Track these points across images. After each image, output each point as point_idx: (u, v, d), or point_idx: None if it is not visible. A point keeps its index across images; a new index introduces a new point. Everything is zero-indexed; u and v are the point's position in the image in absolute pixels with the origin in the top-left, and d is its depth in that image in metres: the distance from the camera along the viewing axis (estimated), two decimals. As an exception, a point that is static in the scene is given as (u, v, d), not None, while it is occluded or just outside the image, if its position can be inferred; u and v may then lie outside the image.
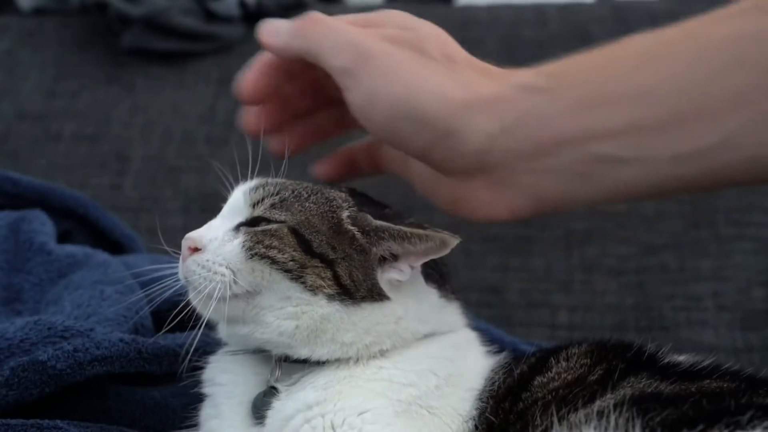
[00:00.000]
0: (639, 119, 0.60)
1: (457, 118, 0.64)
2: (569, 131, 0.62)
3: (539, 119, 0.63)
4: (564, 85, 0.63)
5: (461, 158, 0.65)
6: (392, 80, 0.65)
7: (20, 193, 1.06)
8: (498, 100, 0.64)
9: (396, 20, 0.71)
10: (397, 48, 0.67)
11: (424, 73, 0.65)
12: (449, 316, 0.70)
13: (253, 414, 0.66)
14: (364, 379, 0.64)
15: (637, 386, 0.60)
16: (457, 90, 0.64)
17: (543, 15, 1.55)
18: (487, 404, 0.65)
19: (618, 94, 0.61)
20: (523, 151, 0.64)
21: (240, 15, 1.59)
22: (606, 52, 0.65)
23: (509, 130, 0.63)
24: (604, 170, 0.62)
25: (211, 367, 0.71)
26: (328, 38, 0.68)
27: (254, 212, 0.67)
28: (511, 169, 0.64)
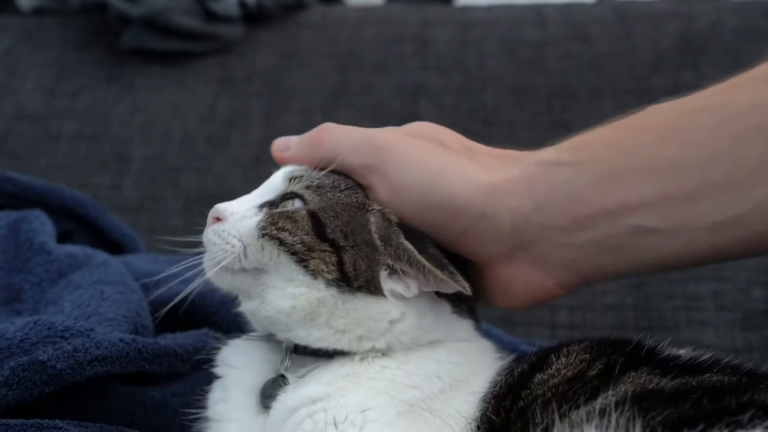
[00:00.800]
0: (669, 190, 0.61)
1: (488, 201, 0.64)
2: (601, 204, 0.63)
3: (570, 193, 0.63)
4: (590, 158, 0.64)
5: (498, 239, 0.66)
6: (416, 170, 0.66)
7: (20, 193, 1.06)
8: (526, 178, 0.64)
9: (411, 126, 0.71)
10: (415, 139, 0.67)
11: (446, 160, 0.66)
12: (460, 330, 0.70)
13: (261, 401, 0.67)
14: (367, 377, 0.65)
15: (638, 381, 0.60)
16: (483, 174, 0.65)
17: (543, 15, 1.55)
18: (489, 404, 0.65)
19: (644, 165, 0.61)
20: (557, 225, 0.64)
21: (240, 15, 1.59)
22: (628, 123, 0.65)
23: (541, 207, 0.64)
24: (642, 241, 0.63)
25: (226, 349, 0.73)
26: (342, 140, 0.69)
27: (289, 187, 0.69)
28: (549, 244, 0.65)
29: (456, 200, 0.65)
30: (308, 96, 1.51)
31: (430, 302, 0.67)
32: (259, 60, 1.57)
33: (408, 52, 1.54)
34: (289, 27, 1.61)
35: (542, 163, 0.65)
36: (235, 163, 1.48)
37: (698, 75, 1.42)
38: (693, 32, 1.46)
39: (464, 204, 0.65)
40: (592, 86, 1.44)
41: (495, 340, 0.76)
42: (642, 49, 1.47)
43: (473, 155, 0.67)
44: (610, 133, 0.65)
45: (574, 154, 0.65)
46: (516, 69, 1.48)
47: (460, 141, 0.69)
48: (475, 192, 0.65)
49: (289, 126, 1.47)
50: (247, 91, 1.55)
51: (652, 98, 1.45)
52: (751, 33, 1.44)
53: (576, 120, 1.42)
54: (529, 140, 0.76)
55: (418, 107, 1.48)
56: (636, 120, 0.65)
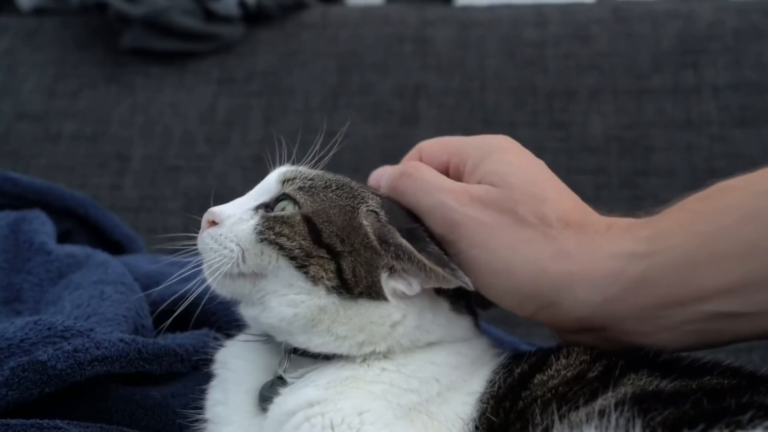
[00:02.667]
0: (748, 276, 0.60)
1: (557, 292, 0.64)
2: (677, 294, 0.61)
3: (644, 287, 0.62)
4: (667, 247, 0.62)
5: (565, 323, 0.66)
6: (487, 253, 0.65)
7: (20, 193, 1.06)
8: (599, 272, 0.63)
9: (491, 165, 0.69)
10: (488, 213, 0.66)
11: (517, 245, 0.65)
12: (458, 329, 0.69)
13: (260, 403, 0.67)
14: (365, 381, 0.64)
15: (638, 383, 0.60)
16: (554, 262, 0.64)
17: (543, 15, 1.55)
18: (488, 405, 0.64)
19: (723, 252, 0.60)
20: (629, 316, 0.63)
21: (240, 15, 1.59)
22: (702, 205, 0.63)
23: (613, 301, 0.63)
24: (719, 326, 0.62)
25: (224, 350, 0.72)
26: (418, 199, 0.69)
27: (282, 189, 0.69)
28: (619, 330, 0.64)
29: (526, 290, 0.65)
30: (308, 96, 1.51)
31: (429, 301, 0.67)
32: (259, 60, 1.57)
33: (408, 52, 1.54)
34: (289, 27, 1.61)
35: (617, 256, 0.63)
36: (235, 163, 1.48)
37: (698, 75, 1.42)
38: (693, 32, 1.46)
39: (533, 294, 0.65)
40: (592, 86, 1.44)
41: (495, 340, 0.76)
42: (642, 49, 1.47)
43: (548, 229, 0.65)
44: (684, 217, 0.64)
45: (650, 244, 0.63)
46: (516, 69, 1.48)
47: (535, 209, 0.66)
48: (543, 283, 0.64)
49: (289, 126, 1.48)
50: (247, 91, 1.55)
51: (652, 98, 1.45)
52: (751, 33, 1.44)
53: (576, 120, 1.42)
54: (529, 140, 0.76)
55: (418, 107, 1.48)
56: (711, 202, 0.63)
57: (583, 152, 1.38)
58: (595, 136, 1.41)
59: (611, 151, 1.39)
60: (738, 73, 1.40)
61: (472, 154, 0.71)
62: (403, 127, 1.46)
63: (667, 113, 1.40)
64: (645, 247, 0.63)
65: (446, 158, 0.73)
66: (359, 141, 1.42)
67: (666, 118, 1.40)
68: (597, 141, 1.40)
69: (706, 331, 0.63)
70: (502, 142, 0.72)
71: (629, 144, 1.39)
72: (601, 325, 0.65)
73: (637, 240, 0.63)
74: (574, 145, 1.39)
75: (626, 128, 1.41)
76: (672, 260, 0.62)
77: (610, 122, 1.41)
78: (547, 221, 0.65)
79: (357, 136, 1.43)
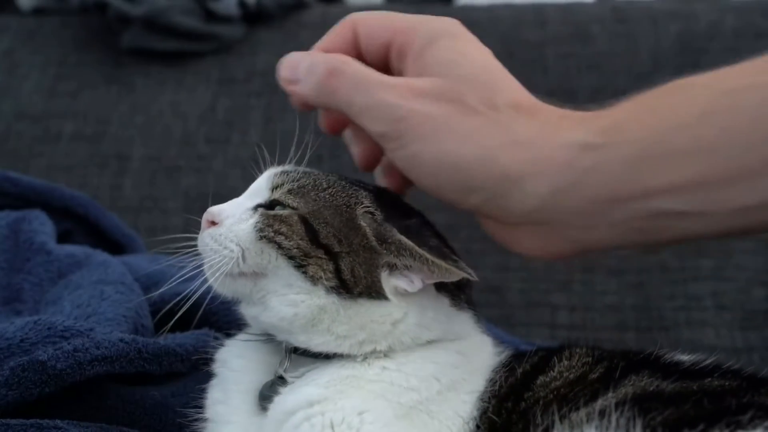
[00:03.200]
0: (703, 174, 0.58)
1: (506, 183, 0.61)
2: (627, 189, 0.59)
3: (594, 179, 0.60)
4: (620, 140, 0.60)
5: (510, 217, 0.63)
6: (434, 145, 0.63)
7: (20, 193, 1.06)
8: (549, 161, 0.61)
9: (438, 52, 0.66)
10: (434, 106, 0.63)
11: (466, 134, 0.62)
12: (458, 325, 0.69)
13: (260, 403, 0.67)
14: (365, 380, 0.64)
15: (639, 384, 0.60)
16: (505, 151, 0.61)
17: (543, 15, 1.55)
18: (489, 404, 0.64)
19: (680, 148, 0.58)
20: (576, 210, 0.61)
21: (240, 15, 1.59)
22: (661, 101, 0.61)
23: (562, 192, 0.61)
24: (663, 224, 0.60)
25: (225, 349, 0.72)
26: (356, 99, 0.65)
27: (272, 195, 0.69)
28: (563, 224, 0.62)
29: (474, 181, 0.62)
30: (308, 96, 1.51)
31: (430, 298, 0.67)
32: (259, 60, 1.57)
33: (408, 52, 1.54)
34: (289, 27, 1.61)
35: (569, 147, 0.60)
36: (235, 163, 1.48)
37: (698, 75, 1.42)
38: (693, 32, 1.46)
39: (480, 185, 0.62)
40: (592, 86, 1.44)
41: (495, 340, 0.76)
42: (642, 49, 1.47)
43: (497, 115, 0.62)
44: (642, 112, 0.61)
45: (604, 135, 0.60)
46: (516, 69, 1.47)
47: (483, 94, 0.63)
48: (492, 174, 0.61)
49: (289, 126, 1.47)
50: (247, 91, 1.55)
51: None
52: (751, 33, 1.44)
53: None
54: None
55: (418, 107, 1.47)
56: (670, 99, 0.61)
57: (583, 152, 1.38)
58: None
59: (611, 151, 1.39)
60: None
61: (419, 36, 0.67)
62: (403, 127, 1.46)
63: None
64: (598, 138, 0.60)
65: (388, 37, 0.68)
66: (359, 141, 1.42)
67: (666, 118, 1.40)
68: (597, 141, 1.40)
69: (650, 228, 0.61)
70: (451, 27, 0.68)
71: (629, 144, 1.39)
72: (545, 219, 0.62)
73: (590, 131, 0.61)
74: (574, 145, 1.39)
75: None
76: (625, 153, 0.59)
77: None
78: (497, 108, 0.63)
79: (357, 136, 1.42)
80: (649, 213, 0.59)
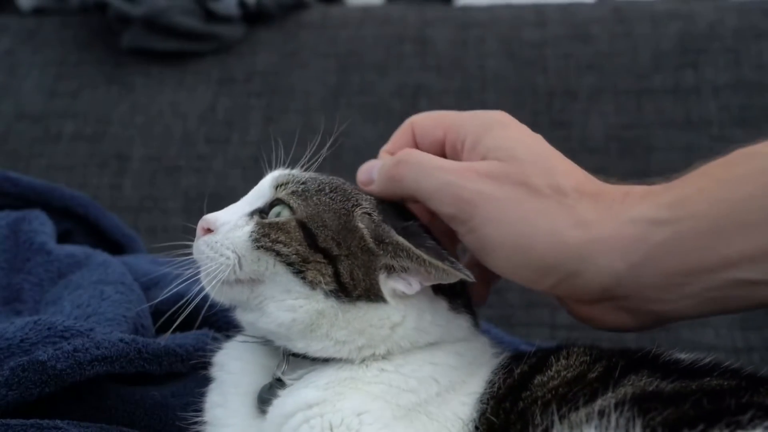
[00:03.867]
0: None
1: (579, 262, 0.62)
2: (702, 262, 0.60)
3: (667, 253, 0.61)
4: (690, 215, 0.61)
5: (587, 294, 0.64)
6: (504, 227, 0.64)
7: (20, 193, 1.06)
8: (619, 239, 0.62)
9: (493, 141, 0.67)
10: (500, 188, 0.64)
11: (535, 217, 0.63)
12: (456, 328, 0.69)
13: (259, 406, 0.67)
14: (364, 382, 0.64)
15: (638, 384, 0.60)
16: (574, 231, 0.63)
17: (543, 15, 1.55)
18: (488, 405, 0.64)
19: (749, 220, 0.59)
20: (652, 283, 0.62)
21: (240, 15, 1.59)
22: (727, 171, 0.62)
23: (636, 267, 0.62)
24: (741, 293, 0.61)
25: (223, 352, 0.72)
26: (423, 183, 0.67)
27: (276, 194, 0.68)
28: (640, 299, 0.63)
29: (546, 263, 0.63)
30: (308, 96, 1.51)
31: (427, 301, 0.67)
32: (259, 60, 1.57)
33: (408, 52, 1.54)
34: (289, 27, 1.61)
35: (638, 222, 0.62)
36: (235, 163, 1.48)
37: (698, 75, 1.42)
38: (693, 32, 1.46)
39: (553, 266, 0.63)
40: (592, 86, 1.44)
41: (495, 340, 0.76)
42: (642, 49, 1.47)
43: (563, 198, 0.64)
44: (707, 183, 0.62)
45: (673, 211, 0.61)
46: (516, 69, 1.48)
47: (547, 178, 0.64)
48: (565, 253, 0.63)
49: (289, 126, 1.48)
50: (247, 91, 1.55)
51: (652, 98, 1.45)
52: (751, 33, 1.44)
53: (576, 120, 1.42)
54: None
55: (418, 107, 1.47)
56: (735, 168, 0.62)
57: (583, 152, 1.38)
58: (595, 136, 1.41)
59: (611, 151, 1.39)
60: (738, 73, 1.40)
61: (470, 129, 0.69)
62: (403, 127, 1.46)
63: (667, 113, 1.40)
64: (667, 213, 0.61)
65: (442, 134, 0.71)
66: (359, 141, 1.42)
67: (666, 118, 1.40)
68: (597, 141, 1.40)
69: (728, 298, 0.62)
70: (501, 117, 0.70)
71: (629, 144, 1.39)
72: (623, 293, 0.63)
73: (658, 206, 0.62)
74: (574, 145, 1.39)
75: (626, 128, 1.41)
76: (696, 227, 0.60)
77: (610, 122, 1.41)
78: (562, 191, 0.64)
79: (357, 136, 1.43)
80: (726, 283, 0.60)
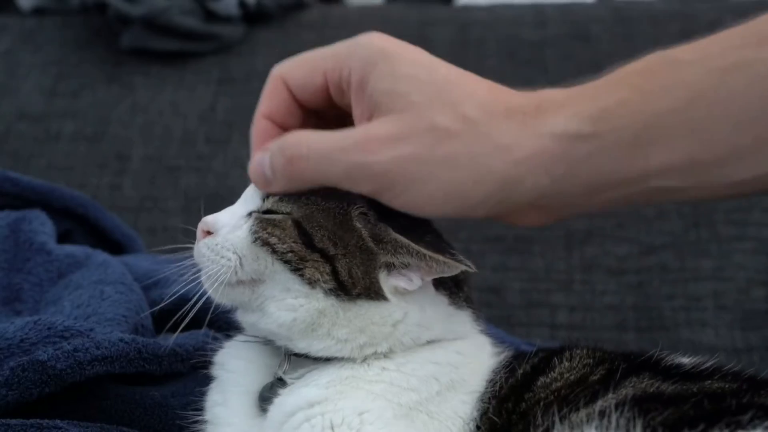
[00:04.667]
0: (695, 155, 0.59)
1: (506, 186, 0.61)
2: (624, 173, 0.60)
3: (590, 166, 0.60)
4: (612, 127, 0.60)
5: (516, 209, 0.63)
6: (427, 184, 0.61)
7: (20, 193, 1.06)
8: (542, 155, 0.60)
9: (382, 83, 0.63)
10: (408, 145, 0.60)
11: (453, 159, 0.61)
12: (457, 324, 0.69)
13: (260, 405, 0.67)
14: (365, 381, 0.64)
15: (639, 386, 0.60)
16: (495, 160, 0.60)
17: (543, 15, 1.55)
18: (489, 405, 0.64)
19: (670, 132, 0.59)
20: (574, 193, 0.62)
21: (240, 15, 1.59)
22: (650, 81, 0.61)
23: (559, 182, 0.61)
24: (660, 197, 0.62)
25: (223, 351, 0.72)
26: (327, 173, 0.62)
27: (264, 204, 0.68)
28: (564, 206, 0.63)
29: (476, 196, 0.61)
30: (308, 96, 1.51)
31: (428, 297, 0.67)
32: (259, 60, 1.57)
33: (408, 52, 1.54)
34: (289, 27, 1.61)
35: (560, 137, 0.60)
36: (234, 163, 1.48)
37: (698, 75, 1.42)
38: (693, 32, 1.46)
39: (484, 197, 0.61)
40: (592, 86, 1.44)
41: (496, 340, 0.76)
42: (642, 49, 1.46)
43: (474, 127, 0.61)
44: (631, 95, 0.61)
45: (596, 124, 0.60)
46: (516, 69, 1.48)
47: (451, 111, 0.61)
48: (492, 183, 0.61)
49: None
50: (247, 91, 1.55)
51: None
52: (751, 33, 1.44)
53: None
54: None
55: (418, 107, 1.47)
56: (657, 78, 0.61)
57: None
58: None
59: (611, 151, 1.39)
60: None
61: (354, 65, 0.64)
62: (403, 127, 1.46)
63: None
64: (590, 127, 0.60)
65: (322, 79, 0.66)
66: (359, 141, 1.42)
67: (666, 118, 1.40)
68: (597, 141, 1.40)
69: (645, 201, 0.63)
70: (383, 45, 0.64)
71: (629, 144, 1.39)
72: (546, 203, 0.63)
73: (580, 119, 0.60)
74: (574, 145, 1.39)
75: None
76: (618, 140, 0.59)
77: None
78: (471, 120, 0.61)
79: (357, 136, 1.42)
80: (647, 190, 0.61)
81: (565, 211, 0.64)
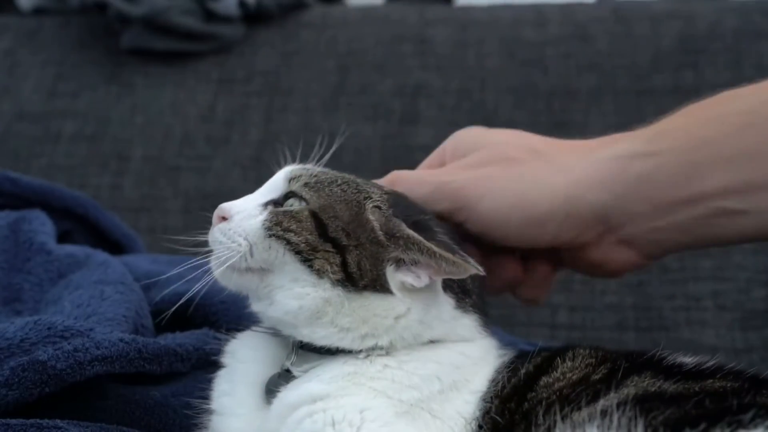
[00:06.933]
0: (750, 178, 0.62)
1: (568, 202, 0.68)
2: (682, 192, 0.64)
3: (650, 184, 0.65)
4: (668, 148, 0.65)
5: (585, 230, 0.69)
6: (495, 198, 0.69)
7: (20, 193, 1.06)
8: (601, 173, 0.67)
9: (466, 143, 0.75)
10: (484, 169, 0.71)
11: (520, 177, 0.69)
12: (462, 328, 0.69)
13: (266, 396, 0.68)
14: (367, 377, 0.65)
15: (641, 385, 0.60)
16: (558, 177, 0.68)
17: (543, 15, 1.55)
18: (492, 404, 0.65)
19: (725, 156, 0.63)
20: (640, 212, 0.66)
21: (240, 15, 1.59)
22: (705, 112, 0.66)
23: (621, 198, 0.66)
24: (725, 221, 0.65)
25: (235, 341, 0.73)
26: (417, 192, 0.72)
27: (289, 187, 0.70)
28: (634, 226, 0.68)
29: (540, 210, 0.68)
30: (308, 96, 1.51)
31: (434, 297, 0.67)
32: (259, 60, 1.57)
33: (408, 52, 1.54)
34: (289, 27, 1.61)
35: (617, 157, 0.67)
36: (234, 163, 1.48)
37: (698, 75, 1.42)
38: (693, 32, 1.46)
39: (547, 212, 0.68)
40: (592, 86, 1.44)
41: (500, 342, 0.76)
42: (642, 49, 1.47)
43: (540, 156, 0.70)
44: (687, 121, 0.66)
45: (652, 144, 0.66)
46: (516, 69, 1.48)
47: (522, 146, 0.71)
48: (554, 197, 0.68)
49: (289, 126, 1.48)
50: (247, 91, 1.55)
51: (652, 98, 1.45)
52: (751, 33, 1.44)
53: (576, 120, 1.42)
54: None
55: (418, 107, 1.48)
56: (714, 109, 0.66)
57: (583, 152, 1.38)
58: (595, 136, 1.40)
59: (611, 151, 1.39)
60: (738, 73, 1.40)
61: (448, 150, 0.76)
62: (403, 127, 1.47)
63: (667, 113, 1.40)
64: (647, 146, 0.66)
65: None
66: (359, 141, 1.42)
67: (666, 118, 1.40)
68: (597, 141, 1.40)
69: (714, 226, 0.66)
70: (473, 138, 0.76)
71: (629, 144, 1.39)
72: (617, 223, 0.67)
73: (637, 141, 0.67)
74: (575, 145, 1.39)
75: (626, 128, 1.40)
76: (674, 160, 0.65)
77: (610, 122, 1.40)
78: (540, 152, 0.70)
79: (357, 136, 1.43)
80: (710, 211, 0.64)
81: (643, 238, 0.68)
